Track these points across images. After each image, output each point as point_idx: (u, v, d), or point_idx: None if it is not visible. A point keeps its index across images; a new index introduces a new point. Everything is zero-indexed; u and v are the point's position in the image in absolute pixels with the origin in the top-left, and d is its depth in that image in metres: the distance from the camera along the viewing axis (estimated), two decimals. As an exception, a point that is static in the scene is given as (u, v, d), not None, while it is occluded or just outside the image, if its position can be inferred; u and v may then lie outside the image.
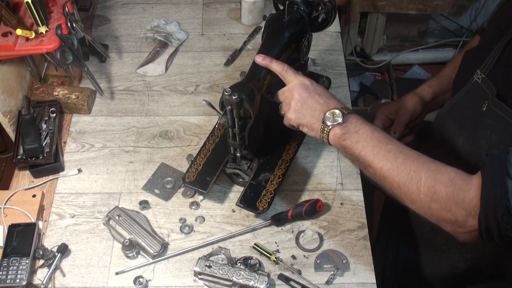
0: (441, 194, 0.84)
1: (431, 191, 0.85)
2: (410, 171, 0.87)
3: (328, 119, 0.94)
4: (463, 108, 1.07)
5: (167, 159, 1.25)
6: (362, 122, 0.94)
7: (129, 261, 1.08)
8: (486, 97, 0.98)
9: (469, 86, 1.04)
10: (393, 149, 0.90)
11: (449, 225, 0.87)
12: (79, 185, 1.20)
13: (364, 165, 0.93)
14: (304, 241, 1.11)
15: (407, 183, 0.87)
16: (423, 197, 0.86)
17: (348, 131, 0.93)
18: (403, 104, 1.26)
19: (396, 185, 0.89)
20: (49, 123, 1.24)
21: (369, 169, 0.93)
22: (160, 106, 1.36)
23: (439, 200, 0.85)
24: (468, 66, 1.08)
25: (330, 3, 1.17)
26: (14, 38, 1.16)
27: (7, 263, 1.02)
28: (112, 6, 1.61)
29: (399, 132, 1.25)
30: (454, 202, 0.84)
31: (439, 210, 0.86)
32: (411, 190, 0.87)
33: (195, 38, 1.53)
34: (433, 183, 0.85)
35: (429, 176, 0.86)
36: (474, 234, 0.85)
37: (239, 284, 1.00)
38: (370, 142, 0.92)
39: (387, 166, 0.89)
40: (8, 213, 1.12)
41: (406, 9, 2.31)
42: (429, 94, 1.27)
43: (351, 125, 0.93)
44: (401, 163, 0.88)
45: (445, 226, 0.88)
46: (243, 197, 1.12)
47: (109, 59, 1.46)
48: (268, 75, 1.05)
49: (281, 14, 1.13)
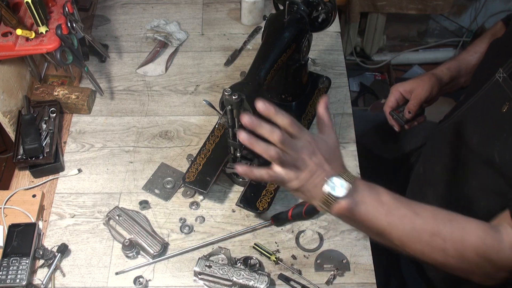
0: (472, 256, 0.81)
1: (459, 255, 0.81)
2: (432, 236, 0.81)
3: (332, 188, 0.82)
4: (482, 108, 1.04)
5: (167, 159, 1.25)
6: (367, 187, 0.84)
7: (129, 261, 1.08)
8: (507, 98, 0.95)
9: (490, 85, 1.02)
10: (407, 213, 0.83)
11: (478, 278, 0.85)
12: (79, 185, 1.20)
13: (379, 235, 0.85)
14: (304, 241, 1.11)
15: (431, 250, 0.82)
16: (451, 260, 0.82)
17: (355, 203, 0.82)
18: (420, 83, 1.21)
19: (419, 252, 0.84)
20: (49, 123, 1.24)
21: (385, 238, 0.85)
22: (160, 106, 1.36)
23: (469, 261, 0.81)
24: (492, 61, 1.06)
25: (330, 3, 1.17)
26: (14, 38, 1.16)
27: (7, 263, 1.02)
28: (112, 6, 1.61)
29: (413, 111, 1.21)
30: (487, 262, 0.81)
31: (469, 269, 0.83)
32: (436, 255, 0.83)
33: (195, 38, 1.53)
34: (460, 246, 0.81)
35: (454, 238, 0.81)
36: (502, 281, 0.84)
37: (239, 284, 1.00)
38: (381, 210, 0.83)
39: (406, 235, 0.82)
40: (8, 213, 1.12)
41: (406, 9, 2.31)
42: (447, 76, 1.23)
43: (357, 194, 0.82)
44: (420, 228, 0.82)
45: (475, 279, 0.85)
46: (243, 197, 1.12)
47: (109, 59, 1.46)
48: (268, 75, 1.05)
49: (281, 14, 1.13)
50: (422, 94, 1.20)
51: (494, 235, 0.81)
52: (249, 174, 0.83)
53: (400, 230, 0.82)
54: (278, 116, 0.82)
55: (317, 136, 0.85)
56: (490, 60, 1.08)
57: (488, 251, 0.80)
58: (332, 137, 0.87)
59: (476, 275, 0.84)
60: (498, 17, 2.56)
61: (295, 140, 0.83)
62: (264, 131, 0.81)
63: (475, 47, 1.25)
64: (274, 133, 0.80)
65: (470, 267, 0.83)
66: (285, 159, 0.82)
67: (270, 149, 0.81)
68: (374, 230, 0.84)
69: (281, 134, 0.81)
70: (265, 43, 1.11)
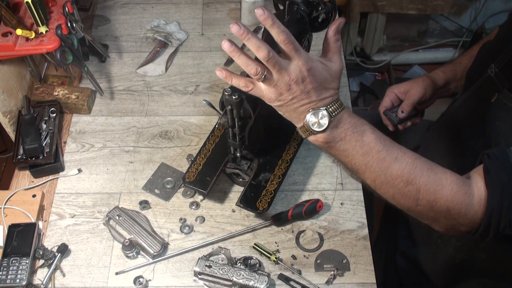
0: (441, 208, 0.82)
1: (430, 204, 0.82)
2: (407, 184, 0.81)
3: (312, 122, 0.80)
4: (474, 101, 1.06)
5: (167, 159, 1.25)
6: (351, 124, 0.82)
7: (129, 261, 1.08)
8: (497, 90, 0.96)
9: (482, 80, 1.03)
10: (386, 157, 0.82)
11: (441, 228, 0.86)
12: (79, 185, 1.20)
13: (353, 171, 0.86)
14: (304, 241, 1.11)
15: (403, 196, 0.83)
16: (420, 208, 0.83)
17: (333, 139, 0.81)
18: (414, 85, 1.24)
19: (390, 196, 0.85)
20: (49, 123, 1.24)
21: (359, 175, 0.85)
22: (160, 106, 1.36)
23: (438, 211, 0.83)
24: (483, 59, 1.07)
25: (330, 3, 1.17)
26: (14, 38, 1.16)
27: (7, 263, 1.02)
28: (112, 6, 1.61)
29: (406, 111, 1.24)
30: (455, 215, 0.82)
31: (435, 218, 0.85)
32: (407, 202, 0.84)
33: (195, 38, 1.53)
34: (432, 197, 0.81)
35: (428, 189, 0.81)
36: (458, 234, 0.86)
37: (239, 284, 1.00)
38: (360, 149, 0.81)
39: (381, 178, 0.82)
40: (8, 213, 1.12)
41: (406, 9, 2.31)
42: (442, 79, 1.26)
43: (337, 131, 0.81)
44: (396, 175, 0.81)
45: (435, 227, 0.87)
46: (243, 197, 1.12)
47: (109, 59, 1.46)
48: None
49: (281, 14, 1.13)
50: (415, 95, 1.23)
51: (466, 189, 0.82)
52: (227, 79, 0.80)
53: (376, 172, 0.82)
54: (274, 28, 0.75)
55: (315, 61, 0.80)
56: (483, 58, 1.09)
57: (458, 206, 0.81)
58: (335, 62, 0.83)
59: (440, 224, 0.85)
60: (498, 17, 2.56)
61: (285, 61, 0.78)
62: (251, 45, 0.76)
63: (471, 52, 1.26)
64: (261, 49, 0.75)
65: (437, 216, 0.84)
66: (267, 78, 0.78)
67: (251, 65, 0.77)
68: (349, 166, 0.85)
69: (268, 52, 0.75)
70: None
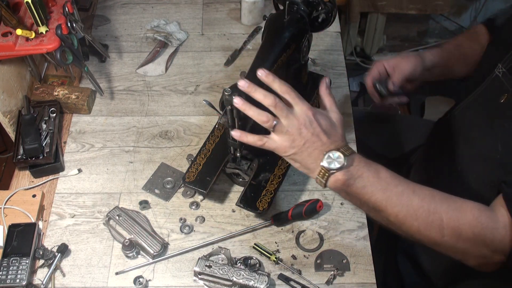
0: (468, 234, 0.80)
1: (455, 233, 0.81)
2: (429, 213, 0.81)
3: (329, 162, 0.83)
4: (481, 102, 1.05)
5: (167, 159, 1.25)
6: (365, 163, 0.85)
7: (129, 261, 1.08)
8: (505, 90, 0.96)
9: (489, 80, 1.03)
10: (404, 191, 0.83)
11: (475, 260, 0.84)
12: (79, 185, 1.20)
13: (375, 210, 0.85)
14: (304, 241, 1.11)
15: (428, 227, 0.82)
16: (447, 239, 0.82)
17: (352, 176, 0.83)
18: (404, 60, 1.20)
19: (415, 230, 0.83)
20: (49, 123, 1.24)
21: (382, 213, 0.85)
22: (160, 106, 1.36)
23: (466, 240, 0.81)
24: (490, 59, 1.07)
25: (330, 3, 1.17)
26: (14, 38, 1.16)
27: (7, 263, 1.02)
28: (112, 6, 1.61)
29: (397, 84, 1.19)
30: (482, 241, 0.81)
31: (466, 249, 0.83)
32: (433, 233, 0.82)
33: (195, 38, 1.53)
34: (456, 224, 0.81)
35: (451, 217, 0.81)
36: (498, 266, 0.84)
37: (239, 284, 1.00)
38: (378, 185, 0.83)
39: (403, 212, 0.82)
40: (8, 213, 1.12)
41: (406, 9, 2.31)
42: (430, 60, 1.22)
43: (354, 168, 0.83)
44: (417, 206, 0.82)
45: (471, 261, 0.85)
46: (243, 197, 1.12)
47: (109, 59, 1.46)
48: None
49: (281, 14, 1.13)
50: (406, 69, 1.18)
51: (489, 214, 0.82)
52: (243, 138, 0.87)
53: (397, 206, 0.82)
54: (275, 82, 0.84)
55: (318, 110, 0.86)
56: (490, 57, 1.09)
57: (483, 230, 0.80)
58: (334, 111, 0.88)
59: (472, 256, 0.84)
60: (498, 17, 2.55)
61: (291, 108, 0.84)
62: (258, 95, 0.83)
63: (457, 41, 1.24)
64: (267, 96, 0.82)
65: (466, 246, 0.82)
66: (278, 125, 0.83)
67: (262, 114, 0.83)
68: (370, 205, 0.84)
69: (275, 99, 0.82)
70: (265, 43, 1.11)
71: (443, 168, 1.15)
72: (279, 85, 0.85)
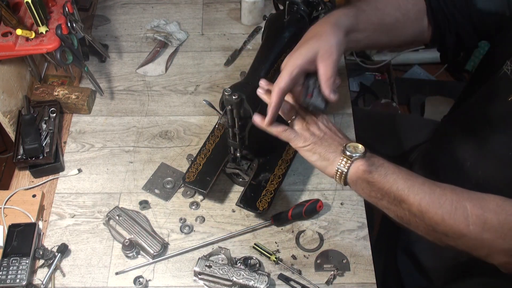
0: (493, 222, 0.78)
1: (481, 220, 0.78)
2: (453, 201, 0.80)
3: (349, 151, 0.85)
4: (489, 100, 1.04)
5: (167, 159, 1.25)
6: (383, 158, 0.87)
7: (129, 261, 1.08)
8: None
9: (497, 77, 1.01)
10: (426, 181, 0.83)
11: (502, 255, 0.81)
12: (79, 185, 1.20)
13: (397, 201, 0.83)
14: (304, 241, 1.11)
15: (452, 215, 0.80)
16: (472, 228, 0.79)
17: (373, 164, 0.84)
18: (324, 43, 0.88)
19: (439, 219, 0.81)
20: (49, 123, 1.24)
21: (403, 205, 0.83)
22: (160, 106, 1.36)
23: (491, 229, 0.78)
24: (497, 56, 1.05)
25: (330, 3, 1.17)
26: (14, 38, 1.16)
27: (7, 263, 1.02)
28: (112, 6, 1.61)
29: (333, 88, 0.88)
30: (508, 230, 0.78)
31: (492, 240, 0.79)
32: (458, 221, 0.80)
33: (195, 38, 1.53)
34: (481, 211, 0.79)
35: (475, 204, 0.79)
36: None
37: (239, 284, 1.00)
38: (400, 174, 0.83)
39: (426, 199, 0.81)
40: (8, 213, 1.12)
41: (406, 9, 2.31)
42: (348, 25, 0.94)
43: (375, 158, 0.85)
44: (440, 193, 0.81)
45: (497, 257, 0.82)
46: (243, 197, 1.12)
47: (109, 59, 1.46)
48: (268, 75, 1.05)
49: (281, 14, 1.13)
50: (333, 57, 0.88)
51: None
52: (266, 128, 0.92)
53: (420, 194, 0.81)
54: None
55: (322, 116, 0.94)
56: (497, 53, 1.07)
57: (509, 217, 0.77)
58: None
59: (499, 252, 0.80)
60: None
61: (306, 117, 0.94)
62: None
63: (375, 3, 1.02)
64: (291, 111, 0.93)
65: (492, 238, 0.79)
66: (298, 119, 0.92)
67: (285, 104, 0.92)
68: (391, 195, 0.83)
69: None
70: (265, 43, 1.11)
71: (450, 166, 1.14)
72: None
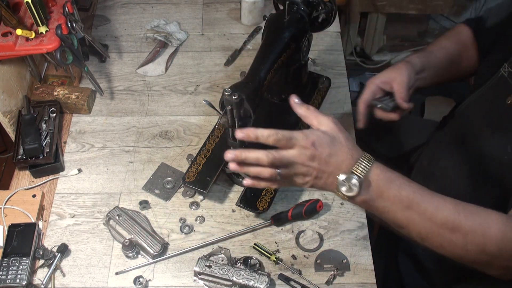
0: (492, 250, 0.80)
1: (480, 248, 0.80)
2: (453, 231, 0.80)
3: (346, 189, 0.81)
4: (487, 102, 1.04)
5: (167, 159, 1.25)
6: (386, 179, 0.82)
7: (129, 261, 1.08)
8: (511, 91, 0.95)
9: (495, 79, 1.02)
10: (428, 208, 0.81)
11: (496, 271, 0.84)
12: (79, 185, 1.20)
13: (397, 226, 0.85)
14: (304, 241, 1.11)
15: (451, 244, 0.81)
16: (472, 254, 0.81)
17: (371, 198, 0.82)
18: (398, 71, 1.12)
19: (438, 246, 0.83)
20: (49, 123, 1.24)
21: (403, 230, 0.85)
22: (160, 106, 1.36)
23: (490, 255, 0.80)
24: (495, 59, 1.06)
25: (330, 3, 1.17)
26: (14, 38, 1.16)
27: (7, 263, 1.02)
28: (112, 6, 1.61)
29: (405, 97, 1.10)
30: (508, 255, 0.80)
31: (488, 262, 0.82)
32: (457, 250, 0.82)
33: (195, 38, 1.53)
34: (481, 240, 0.80)
35: (475, 232, 0.80)
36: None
37: (239, 284, 1.00)
38: (400, 205, 0.82)
39: (425, 230, 0.82)
40: (8, 213, 1.12)
41: (406, 9, 2.31)
42: (418, 64, 1.15)
43: (373, 189, 0.82)
44: (441, 223, 0.81)
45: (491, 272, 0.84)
46: (243, 197, 1.12)
47: (109, 59, 1.46)
48: (268, 75, 1.05)
49: (281, 14, 1.13)
50: (403, 80, 1.11)
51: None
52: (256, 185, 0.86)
53: (419, 225, 0.82)
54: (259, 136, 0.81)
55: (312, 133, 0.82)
56: (495, 56, 1.08)
57: (509, 244, 0.79)
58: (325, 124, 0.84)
59: (495, 268, 0.83)
60: (498, 17, 2.55)
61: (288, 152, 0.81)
62: (251, 160, 0.82)
63: (440, 43, 1.21)
64: (261, 159, 0.81)
65: (490, 260, 0.81)
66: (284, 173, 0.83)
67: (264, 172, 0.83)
68: (392, 223, 0.84)
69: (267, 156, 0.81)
70: (265, 43, 1.11)
71: (450, 167, 1.14)
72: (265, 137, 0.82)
